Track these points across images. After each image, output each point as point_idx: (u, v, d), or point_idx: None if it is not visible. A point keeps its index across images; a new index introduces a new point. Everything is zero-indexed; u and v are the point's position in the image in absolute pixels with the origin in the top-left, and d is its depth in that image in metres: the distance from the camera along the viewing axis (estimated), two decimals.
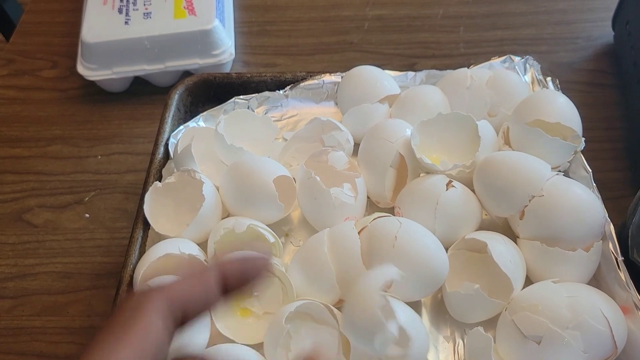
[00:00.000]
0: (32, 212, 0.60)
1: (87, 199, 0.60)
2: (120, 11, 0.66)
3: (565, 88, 0.55)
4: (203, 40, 0.65)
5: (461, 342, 0.41)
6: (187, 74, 0.68)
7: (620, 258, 0.39)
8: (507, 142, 0.46)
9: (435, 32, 0.73)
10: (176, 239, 0.41)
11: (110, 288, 0.54)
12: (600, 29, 0.71)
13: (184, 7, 0.66)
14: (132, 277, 0.42)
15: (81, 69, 0.66)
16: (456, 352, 0.40)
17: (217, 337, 0.39)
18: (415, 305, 0.41)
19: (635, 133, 0.53)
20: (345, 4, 0.77)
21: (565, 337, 0.35)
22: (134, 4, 0.67)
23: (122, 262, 0.55)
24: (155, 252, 0.40)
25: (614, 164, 0.56)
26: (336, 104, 0.54)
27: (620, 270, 0.39)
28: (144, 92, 0.68)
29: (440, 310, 0.42)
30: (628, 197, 0.41)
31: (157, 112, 0.67)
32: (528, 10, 0.73)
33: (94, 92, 0.69)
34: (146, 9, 0.66)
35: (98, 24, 0.65)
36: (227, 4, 0.71)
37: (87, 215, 0.59)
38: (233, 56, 0.67)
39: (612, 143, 0.58)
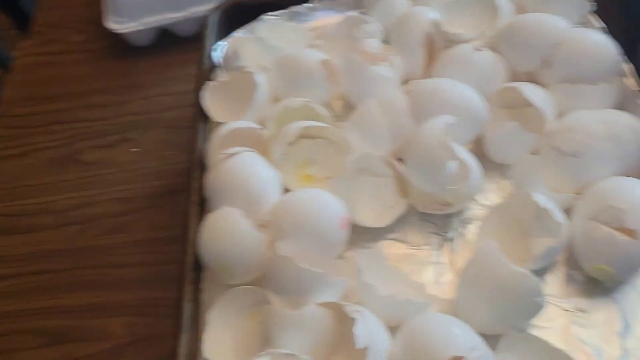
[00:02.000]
0: (84, 152, 0.64)
1: (134, 136, 0.64)
2: None
3: None
4: None
5: (505, 182, 0.45)
6: None
7: (637, 89, 0.44)
8: (523, 11, 0.51)
9: None
10: (237, 121, 0.45)
11: (167, 205, 0.58)
12: None
13: None
14: (199, 160, 0.46)
15: (110, 24, 0.70)
16: (502, 190, 0.45)
17: None
18: None
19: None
20: None
21: (602, 148, 0.40)
22: None
23: (175, 182, 0.60)
24: (223, 129, 0.44)
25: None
26: (361, 12, 0.59)
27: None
28: (169, 43, 0.73)
29: (481, 161, 0.45)
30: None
31: (185, 58, 0.71)
32: None
33: (123, 49, 0.73)
34: None
35: None
36: None
37: (137, 149, 0.63)
38: None
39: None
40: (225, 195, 0.40)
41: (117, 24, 0.70)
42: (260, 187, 0.41)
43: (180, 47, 0.72)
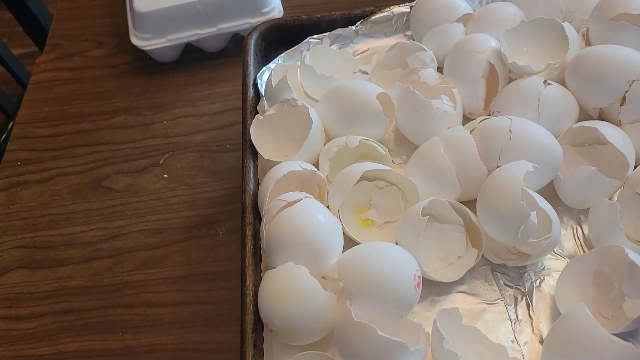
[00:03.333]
0: (110, 178, 0.60)
1: (161, 161, 0.61)
2: None
3: None
4: (253, 0, 0.66)
5: (578, 228, 0.42)
6: (235, 37, 0.69)
7: None
8: (588, 43, 0.48)
9: None
10: (291, 162, 0.42)
11: (203, 238, 0.55)
12: None
13: None
14: (253, 201, 0.42)
15: (135, 40, 0.67)
16: (576, 237, 0.42)
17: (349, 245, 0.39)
18: None
19: None
20: None
21: None
22: None
23: (209, 213, 0.57)
24: (278, 172, 0.41)
25: None
26: (406, 35, 0.56)
27: None
28: (195, 59, 0.70)
29: (552, 203, 0.43)
30: None
31: (213, 76, 0.68)
32: None
33: (146, 65, 0.70)
34: None
35: None
36: None
37: (165, 175, 0.60)
38: (282, 13, 0.68)
39: None
40: (287, 249, 0.37)
41: (142, 41, 0.67)
42: (324, 238, 0.38)
43: (207, 63, 0.69)
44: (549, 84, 0.44)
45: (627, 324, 0.34)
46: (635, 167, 0.42)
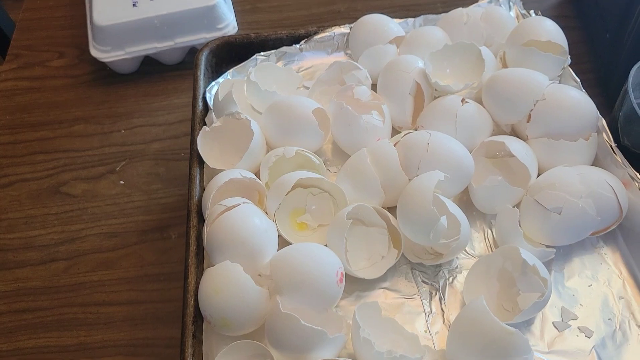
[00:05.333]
0: (68, 184, 0.63)
1: (118, 168, 0.64)
2: None
3: None
4: (208, 16, 0.70)
5: (489, 231, 0.47)
6: (193, 50, 0.73)
7: (613, 144, 0.47)
8: (505, 65, 0.54)
9: None
10: (233, 170, 0.46)
11: (156, 241, 0.58)
12: None
13: None
14: (197, 205, 0.46)
15: (94, 52, 0.70)
16: (486, 239, 0.47)
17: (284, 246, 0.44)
18: None
19: (604, 64, 0.61)
20: None
21: (581, 205, 0.42)
22: None
23: (163, 218, 0.60)
24: (220, 179, 0.45)
25: (587, 92, 0.64)
26: (346, 54, 0.60)
27: (615, 153, 0.46)
28: (153, 71, 0.73)
29: (467, 208, 0.48)
30: (604, 117, 0.49)
31: (170, 88, 0.72)
32: None
33: (106, 75, 0.73)
34: None
35: (107, 9, 0.69)
36: None
37: (121, 182, 0.63)
38: (236, 29, 0.72)
39: (583, 75, 0.66)
40: (225, 249, 0.41)
41: (101, 53, 0.70)
42: (259, 240, 0.42)
43: (165, 75, 0.72)
44: (466, 102, 0.49)
45: (520, 314, 0.40)
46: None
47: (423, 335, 0.42)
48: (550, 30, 0.52)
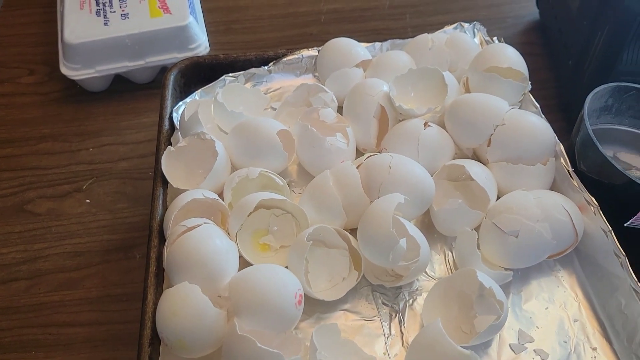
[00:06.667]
0: (33, 202, 0.63)
1: (85, 186, 0.64)
2: (98, 14, 0.71)
3: None
4: (180, 36, 0.70)
5: (449, 253, 0.48)
6: (164, 69, 0.73)
7: (570, 169, 0.48)
8: (467, 90, 0.55)
9: (385, 20, 0.81)
10: (196, 190, 0.46)
11: (120, 261, 0.58)
12: (526, 8, 0.82)
13: (159, 7, 0.71)
14: (159, 225, 0.46)
15: (65, 70, 0.70)
16: (447, 262, 0.48)
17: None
18: None
19: (566, 90, 0.63)
20: (302, 1, 0.84)
21: (537, 229, 0.43)
22: (110, 6, 0.71)
23: (128, 237, 0.60)
24: (182, 200, 0.45)
25: (550, 117, 0.65)
26: (314, 76, 0.61)
27: (572, 178, 0.48)
28: (124, 89, 0.73)
29: (429, 230, 0.49)
30: (564, 142, 0.50)
31: (140, 106, 0.72)
32: None
33: (76, 93, 0.73)
34: (123, 10, 0.71)
35: (79, 27, 0.69)
36: (197, 3, 0.77)
37: (87, 200, 0.63)
38: (208, 49, 0.72)
39: (546, 100, 0.68)
40: (184, 270, 0.41)
41: (71, 70, 0.70)
42: (219, 261, 0.42)
43: (135, 94, 0.72)
44: (429, 125, 0.50)
45: (476, 337, 0.40)
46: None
47: (382, 358, 0.42)
48: (511, 57, 0.53)
